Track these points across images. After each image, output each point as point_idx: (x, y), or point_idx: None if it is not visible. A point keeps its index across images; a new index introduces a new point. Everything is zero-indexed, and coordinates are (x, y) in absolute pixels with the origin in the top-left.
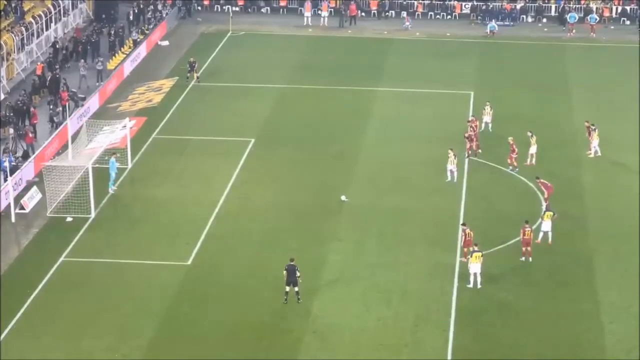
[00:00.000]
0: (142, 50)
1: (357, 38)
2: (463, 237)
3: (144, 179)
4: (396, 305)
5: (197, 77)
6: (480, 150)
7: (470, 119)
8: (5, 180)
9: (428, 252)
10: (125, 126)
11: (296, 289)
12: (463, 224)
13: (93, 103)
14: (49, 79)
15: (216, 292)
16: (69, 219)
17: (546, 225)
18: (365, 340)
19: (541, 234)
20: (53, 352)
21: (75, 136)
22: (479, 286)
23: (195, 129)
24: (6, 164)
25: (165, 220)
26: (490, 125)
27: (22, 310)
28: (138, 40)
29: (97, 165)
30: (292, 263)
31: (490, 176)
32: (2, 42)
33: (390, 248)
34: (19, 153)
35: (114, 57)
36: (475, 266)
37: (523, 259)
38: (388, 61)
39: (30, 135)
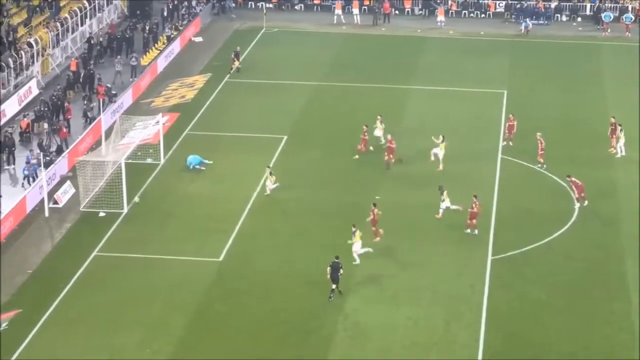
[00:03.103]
0: (176, 47)
1: (390, 36)
2: (372, 216)
3: (176, 175)
4: (427, 303)
5: (239, 67)
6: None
7: (509, 117)
8: (29, 184)
9: (459, 251)
10: (158, 122)
11: (333, 286)
12: (373, 204)
13: (126, 99)
14: (83, 74)
15: (247, 288)
16: (102, 214)
17: None
18: (396, 338)
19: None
20: (84, 347)
21: (108, 131)
22: (357, 262)
23: (228, 125)
24: (27, 172)
25: (197, 216)
26: (381, 138)
27: (54, 305)
28: (172, 36)
29: (130, 161)
30: (336, 260)
31: (522, 174)
32: (37, 38)
33: (421, 246)
34: (53, 148)
35: (147, 53)
36: (357, 245)
37: (468, 231)
38: (421, 59)
39: (65, 130)
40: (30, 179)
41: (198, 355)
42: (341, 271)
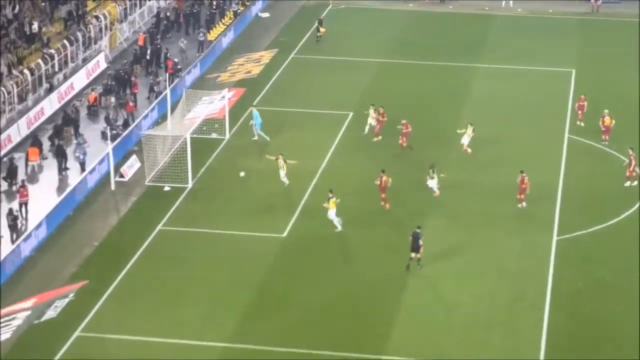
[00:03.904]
0: (243, 22)
1: (458, 14)
2: (379, 182)
3: (242, 150)
4: (491, 282)
5: (317, 35)
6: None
7: (580, 97)
8: (83, 170)
9: (524, 230)
10: (224, 97)
11: (418, 255)
12: (382, 171)
13: (193, 73)
14: (150, 48)
15: (310, 264)
16: (167, 188)
17: None
18: (459, 316)
19: None
20: (148, 320)
21: (174, 106)
22: (339, 229)
23: (294, 101)
24: (81, 157)
25: (262, 191)
26: (367, 128)
27: (119, 278)
28: (238, 11)
29: (195, 136)
30: (417, 230)
31: (589, 154)
32: (105, 12)
33: (486, 225)
34: (120, 121)
35: (214, 28)
36: (332, 211)
37: (520, 205)
38: (489, 37)
39: (131, 104)
40: (83, 164)
41: (261, 330)
42: (421, 241)
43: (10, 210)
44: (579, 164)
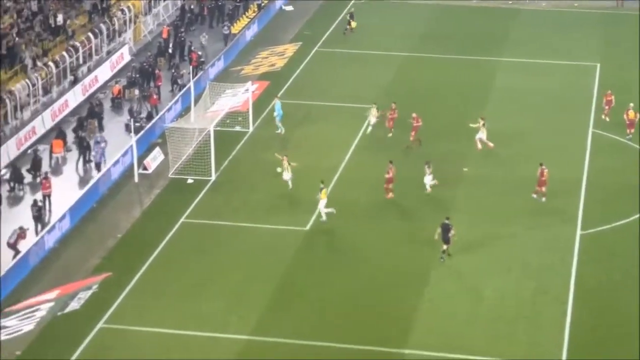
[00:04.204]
0: (267, 15)
1: (482, 7)
2: (387, 174)
3: (265, 143)
4: (515, 276)
5: (346, 29)
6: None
7: (608, 92)
8: (99, 171)
9: (548, 224)
10: (247, 90)
11: (444, 247)
12: (390, 162)
13: (217, 66)
14: (174, 41)
15: (333, 258)
16: (190, 181)
17: None
18: (482, 310)
19: None
20: (170, 312)
21: (198, 99)
22: (323, 218)
23: (317, 94)
24: (98, 156)
25: (285, 185)
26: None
27: (142, 270)
28: (262, 4)
29: (218, 128)
30: (446, 221)
31: (614, 148)
32: (130, 5)
33: (509, 218)
34: (144, 114)
35: (238, 21)
36: (322, 202)
37: (535, 196)
38: (513, 31)
39: (155, 96)
40: (99, 164)
41: (283, 323)
42: (452, 232)
43: (35, 202)
44: (603, 158)
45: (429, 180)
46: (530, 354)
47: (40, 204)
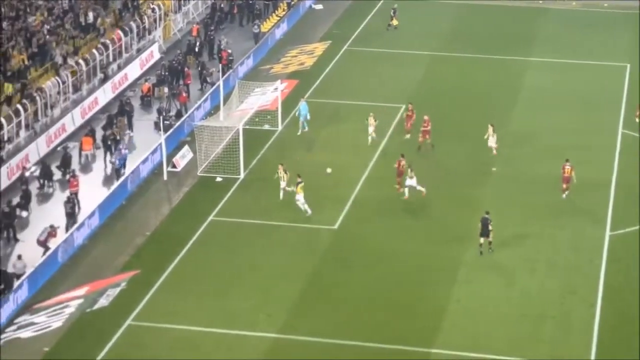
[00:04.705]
0: (296, 14)
1: (511, 7)
2: (397, 168)
3: (294, 142)
4: (542, 276)
5: (389, 24)
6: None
7: None
8: (118, 178)
9: (576, 224)
10: (276, 88)
11: (489, 239)
12: (401, 155)
13: (246, 64)
14: (203, 39)
15: (361, 256)
16: (219, 179)
17: None
18: (509, 310)
19: None
20: (199, 310)
21: (227, 97)
22: (309, 212)
23: (346, 93)
24: (117, 162)
25: (314, 183)
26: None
27: (171, 267)
28: (292, 3)
29: (247, 127)
30: (486, 216)
31: None
32: (160, 3)
33: (537, 218)
34: (173, 112)
35: (268, 20)
36: (299, 195)
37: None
38: (542, 30)
39: (184, 94)
40: (118, 170)
41: (311, 322)
42: (490, 226)
43: (69, 198)
44: (633, 158)
45: (412, 183)
46: (557, 354)
47: (73, 200)
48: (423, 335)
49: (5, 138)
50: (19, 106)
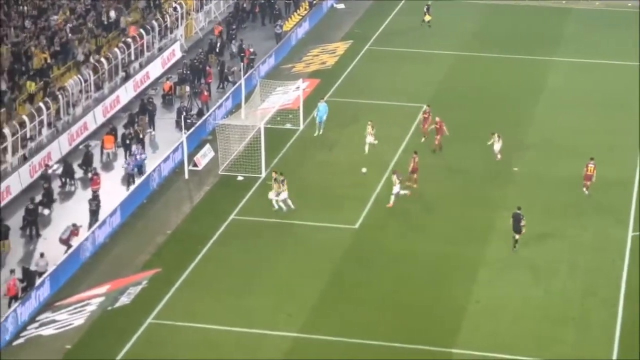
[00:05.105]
0: (318, 13)
1: (534, 6)
2: (412, 164)
3: (315, 141)
4: (564, 277)
5: (423, 20)
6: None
7: None
8: (131, 183)
9: (598, 224)
10: (298, 87)
11: (517, 236)
12: (415, 152)
13: (267, 63)
14: (224, 38)
15: (382, 256)
16: (240, 178)
17: None
18: (530, 311)
19: None
20: (220, 308)
21: (248, 96)
22: (284, 209)
23: (368, 92)
24: (130, 167)
25: (335, 183)
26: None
27: (192, 266)
28: (314, 2)
29: (269, 126)
30: (518, 211)
31: None
32: (182, 2)
33: (559, 218)
34: (194, 111)
35: (289, 19)
36: (283, 194)
37: (586, 192)
38: (565, 30)
39: (205, 93)
40: (133, 176)
41: (331, 321)
42: (523, 222)
43: (94, 196)
44: None
45: (396, 190)
46: (578, 355)
47: (99, 198)
48: (444, 335)
49: (28, 136)
50: (41, 104)
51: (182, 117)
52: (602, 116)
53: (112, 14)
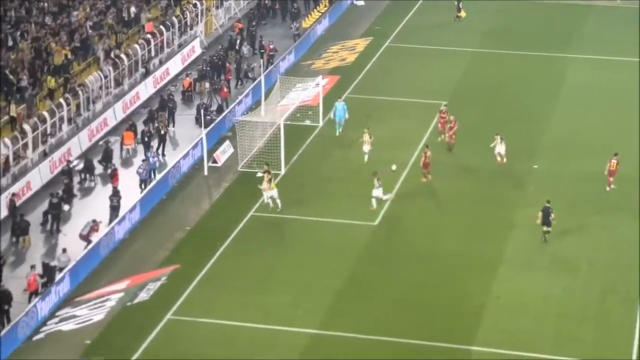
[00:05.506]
0: (338, 10)
1: (554, 3)
2: (423, 158)
3: (335, 138)
4: (583, 274)
5: (457, 16)
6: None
7: None
8: (143, 187)
9: (618, 221)
10: (318, 84)
11: (546, 229)
12: (426, 146)
13: (287, 60)
14: (245, 34)
15: (401, 253)
16: (259, 175)
17: None
18: (549, 308)
19: None
20: (238, 305)
21: (268, 92)
22: (279, 207)
23: (388, 89)
24: (143, 172)
25: (354, 179)
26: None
27: (211, 262)
28: None
29: (288, 122)
30: (547, 205)
31: None
32: None
33: (579, 216)
34: (214, 107)
35: (309, 16)
36: (274, 192)
37: (608, 188)
38: (585, 28)
39: (225, 90)
40: (147, 181)
41: (350, 318)
42: (552, 215)
43: (116, 192)
44: None
45: (378, 193)
46: (598, 353)
47: (120, 194)
48: (463, 332)
49: (48, 132)
50: (61, 100)
51: (202, 113)
52: (622, 113)
53: (132, 10)
